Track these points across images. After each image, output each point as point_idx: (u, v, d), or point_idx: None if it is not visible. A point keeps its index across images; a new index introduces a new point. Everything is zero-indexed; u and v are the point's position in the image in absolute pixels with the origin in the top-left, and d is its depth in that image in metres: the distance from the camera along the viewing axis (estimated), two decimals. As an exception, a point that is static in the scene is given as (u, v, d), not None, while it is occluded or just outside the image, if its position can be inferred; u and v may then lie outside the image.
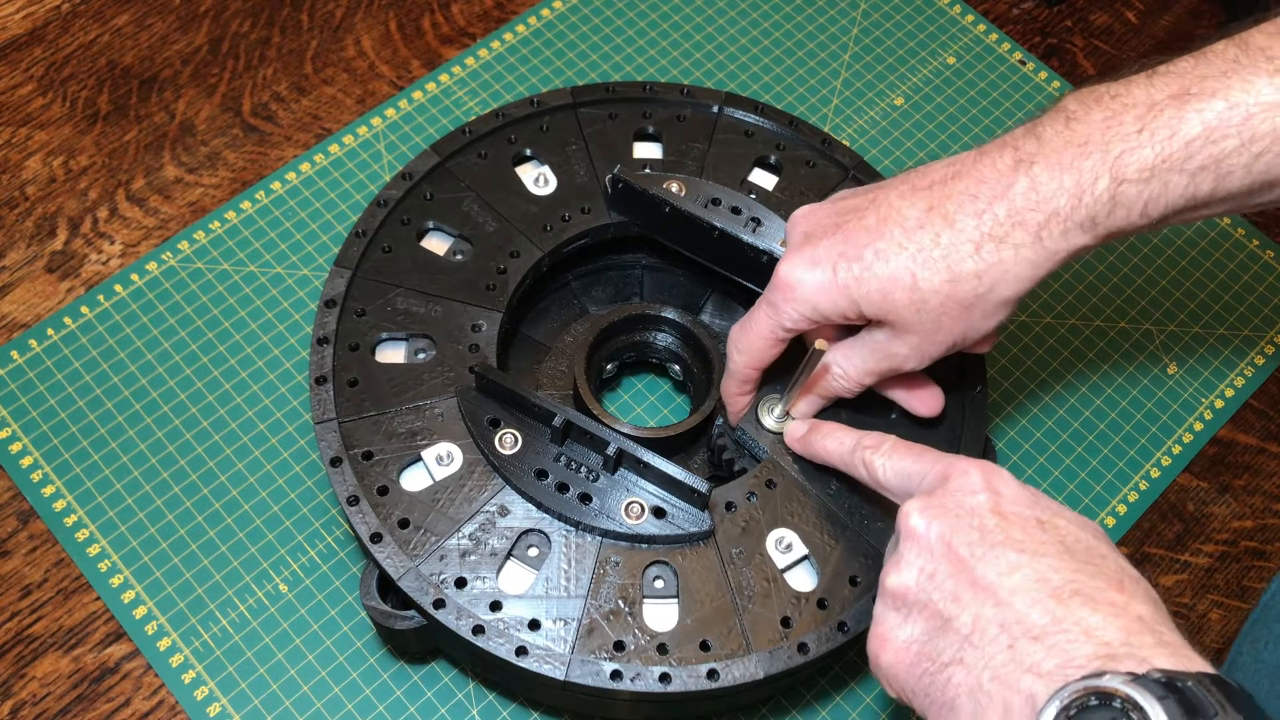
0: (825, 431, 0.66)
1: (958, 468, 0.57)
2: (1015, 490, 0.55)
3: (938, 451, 0.60)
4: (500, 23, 0.93)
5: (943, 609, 0.52)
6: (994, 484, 0.55)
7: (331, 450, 0.66)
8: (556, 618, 0.63)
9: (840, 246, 0.62)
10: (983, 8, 0.98)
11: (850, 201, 0.64)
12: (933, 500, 0.55)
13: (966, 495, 0.55)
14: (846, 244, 0.61)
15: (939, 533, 0.54)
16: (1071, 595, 0.50)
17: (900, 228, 0.60)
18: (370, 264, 0.73)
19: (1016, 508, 0.54)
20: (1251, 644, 0.62)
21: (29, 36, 0.89)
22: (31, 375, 0.77)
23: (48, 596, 0.71)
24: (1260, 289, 0.88)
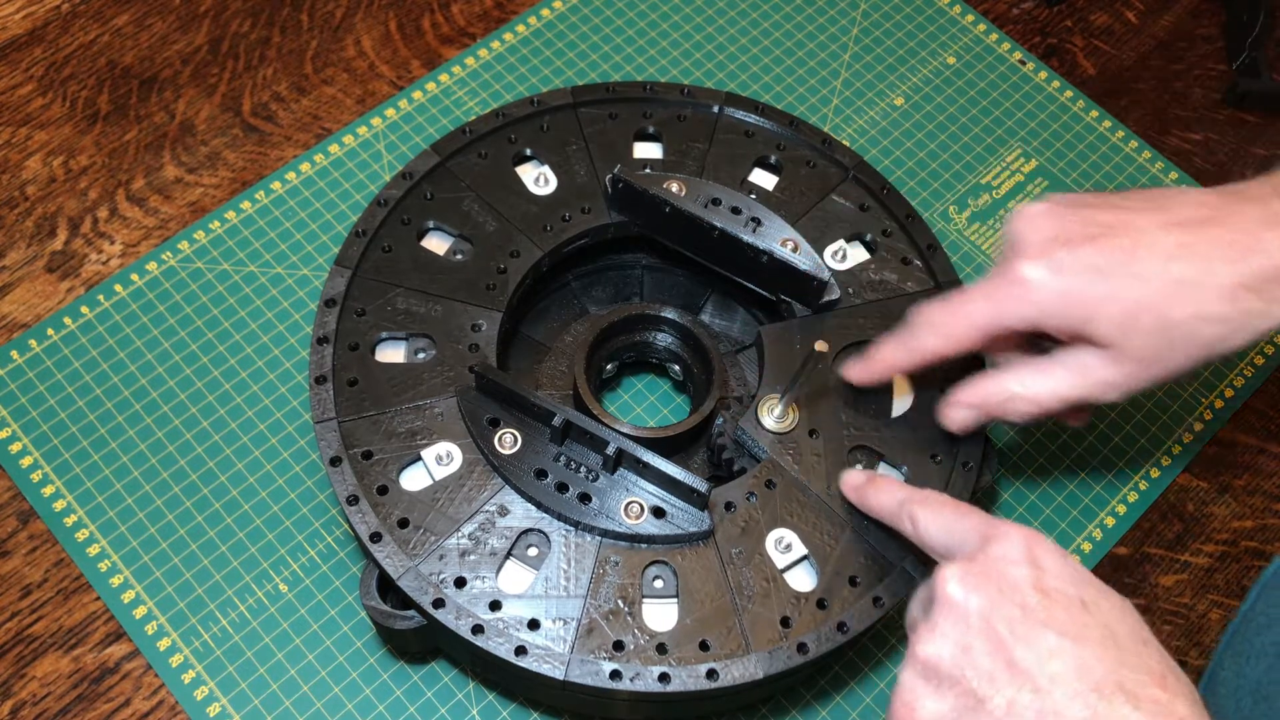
0: (879, 486, 0.65)
1: (1000, 532, 0.55)
2: (1058, 564, 0.54)
3: (982, 512, 0.59)
4: (500, 23, 0.93)
5: (977, 688, 0.51)
6: (1037, 555, 0.54)
7: (331, 450, 0.66)
8: (556, 617, 0.63)
9: (1094, 259, 0.61)
10: (983, 8, 0.98)
11: (1098, 214, 0.62)
12: (973, 568, 0.54)
13: (1008, 566, 0.54)
14: (1101, 258, 0.60)
15: (978, 606, 0.53)
16: (1114, 690, 0.49)
17: (1157, 257, 0.60)
18: (370, 263, 0.73)
19: (1060, 584, 0.53)
20: (1233, 658, 0.61)
21: (29, 36, 0.89)
22: (31, 375, 0.77)
23: (48, 596, 0.71)
24: (1260, 289, 0.87)
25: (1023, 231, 0.63)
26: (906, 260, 0.76)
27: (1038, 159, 0.91)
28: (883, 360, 0.68)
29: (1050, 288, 0.61)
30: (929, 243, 0.76)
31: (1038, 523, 0.78)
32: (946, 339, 0.65)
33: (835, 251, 0.76)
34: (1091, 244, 0.61)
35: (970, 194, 0.90)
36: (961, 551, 0.57)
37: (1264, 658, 0.60)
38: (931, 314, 0.66)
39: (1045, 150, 0.92)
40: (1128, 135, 0.93)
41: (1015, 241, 0.63)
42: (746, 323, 0.80)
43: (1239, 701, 0.60)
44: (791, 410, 0.70)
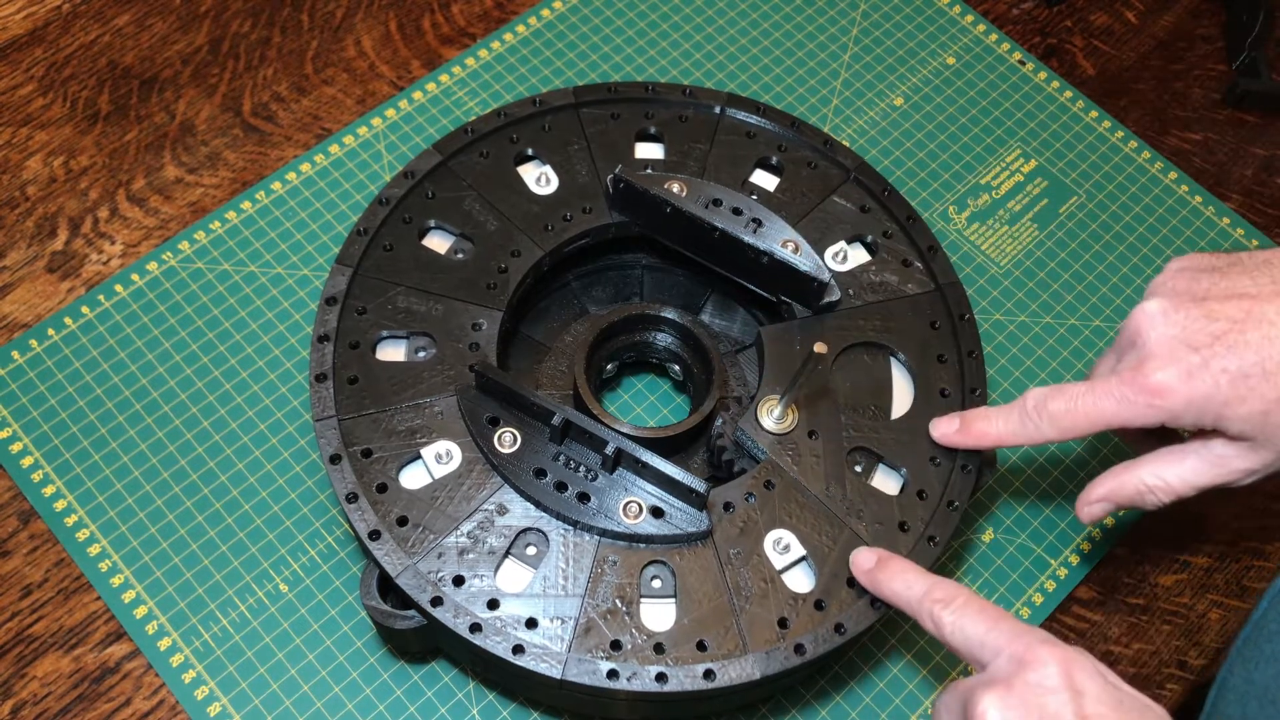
0: (894, 571, 0.63)
1: (1035, 655, 0.54)
2: (1098, 689, 0.53)
3: (1013, 620, 0.57)
4: (501, 23, 0.93)
5: None
6: (1076, 682, 0.53)
7: (331, 447, 0.67)
8: (554, 616, 0.63)
9: (1225, 362, 0.60)
10: (983, 8, 0.98)
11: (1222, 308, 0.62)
12: (1011, 698, 0.53)
13: (1048, 695, 0.53)
14: (1232, 360, 0.60)
15: None
16: None
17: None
18: (371, 262, 0.73)
19: (1101, 709, 0.52)
20: (1243, 664, 0.61)
21: (29, 37, 0.89)
22: (32, 375, 0.77)
23: (48, 596, 0.71)
24: (1260, 289, 0.87)
25: (1145, 330, 0.63)
26: (907, 262, 0.76)
27: (1037, 159, 0.91)
28: (985, 435, 0.68)
29: (1181, 394, 0.61)
30: (929, 244, 0.76)
31: (1037, 523, 0.78)
32: (1063, 433, 0.66)
33: (836, 253, 0.76)
34: (1219, 343, 0.61)
35: (970, 194, 0.90)
36: (994, 667, 0.56)
37: (1273, 663, 0.60)
38: (1052, 406, 0.65)
39: (1045, 150, 0.92)
40: (1127, 135, 0.93)
41: (1139, 341, 0.63)
42: (746, 323, 0.80)
43: (1245, 706, 0.60)
44: (791, 411, 0.70)
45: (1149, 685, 0.74)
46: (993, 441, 0.68)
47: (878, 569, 0.64)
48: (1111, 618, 0.76)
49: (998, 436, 0.67)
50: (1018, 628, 0.56)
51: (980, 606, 0.58)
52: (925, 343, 0.73)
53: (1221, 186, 0.92)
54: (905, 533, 0.67)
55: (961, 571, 0.76)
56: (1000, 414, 0.68)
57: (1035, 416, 0.66)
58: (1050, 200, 0.90)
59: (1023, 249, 0.88)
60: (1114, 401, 0.63)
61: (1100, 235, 0.89)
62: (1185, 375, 0.61)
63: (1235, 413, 0.61)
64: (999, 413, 0.68)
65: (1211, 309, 0.62)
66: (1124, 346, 0.65)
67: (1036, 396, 0.66)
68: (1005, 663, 0.55)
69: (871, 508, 0.68)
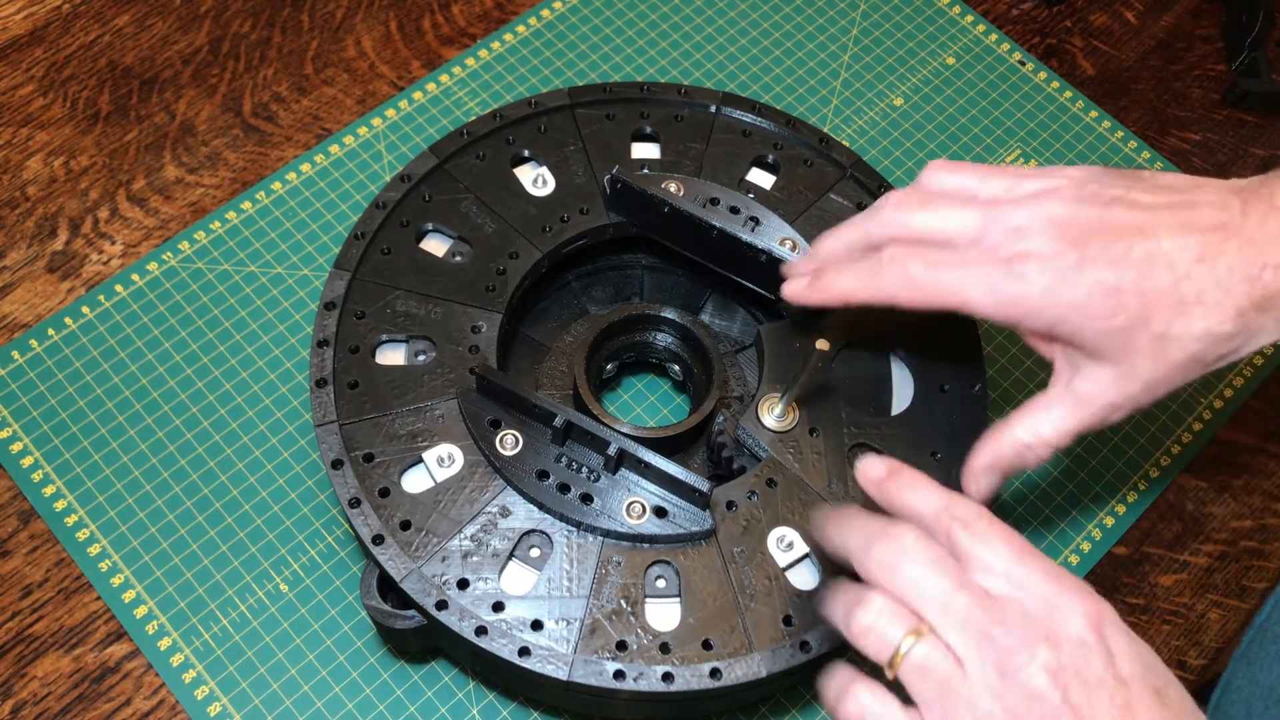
0: (907, 481, 0.57)
1: (1066, 600, 0.51)
2: (1127, 645, 0.50)
3: (1041, 557, 0.52)
4: (500, 23, 0.93)
5: None
6: (1107, 636, 0.50)
7: (333, 453, 0.67)
8: (559, 618, 0.63)
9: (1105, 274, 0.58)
10: (982, 8, 0.98)
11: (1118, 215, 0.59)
12: (1057, 656, 0.49)
13: (1085, 651, 0.49)
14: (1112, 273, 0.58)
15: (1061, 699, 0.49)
16: None
17: (1170, 272, 0.58)
18: (369, 266, 0.73)
19: (1134, 670, 0.50)
20: (1247, 665, 0.61)
21: (29, 37, 0.89)
22: (32, 375, 0.77)
23: (48, 596, 0.71)
24: (1259, 289, 0.88)
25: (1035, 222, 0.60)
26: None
27: (1037, 159, 0.92)
28: (839, 290, 0.65)
29: (1052, 297, 0.59)
30: (929, 243, 0.76)
31: (1037, 523, 0.78)
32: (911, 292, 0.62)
33: (835, 252, 0.76)
34: (1104, 255, 0.58)
35: (970, 194, 0.90)
36: (1024, 610, 0.51)
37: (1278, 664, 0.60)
38: (912, 266, 0.62)
39: (1045, 150, 0.92)
40: (1127, 135, 0.93)
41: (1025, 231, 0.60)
42: (746, 323, 0.81)
43: (1251, 706, 0.59)
44: (792, 409, 0.70)
45: (1149, 685, 0.74)
46: (840, 295, 0.65)
47: (889, 479, 0.57)
48: (1111, 617, 0.76)
49: (848, 289, 0.64)
50: (1047, 566, 0.52)
51: (1006, 534, 0.53)
52: (924, 339, 0.73)
53: (1220, 186, 0.92)
54: (906, 533, 0.68)
55: (962, 571, 0.76)
56: (854, 265, 0.64)
57: (891, 269, 0.63)
58: (1049, 200, 0.90)
59: (1022, 249, 0.88)
60: (977, 284, 0.60)
61: (1099, 235, 0.89)
62: (1062, 280, 0.59)
63: (1096, 325, 0.59)
64: (853, 266, 0.64)
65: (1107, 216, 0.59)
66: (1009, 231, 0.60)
67: (894, 251, 0.63)
68: (1035, 604, 0.51)
69: (873, 504, 0.68)
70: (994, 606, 0.51)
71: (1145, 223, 0.59)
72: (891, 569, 0.53)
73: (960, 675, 0.50)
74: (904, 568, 0.52)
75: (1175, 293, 0.58)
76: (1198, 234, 0.58)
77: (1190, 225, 0.58)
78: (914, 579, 0.52)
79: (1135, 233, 0.58)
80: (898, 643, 0.51)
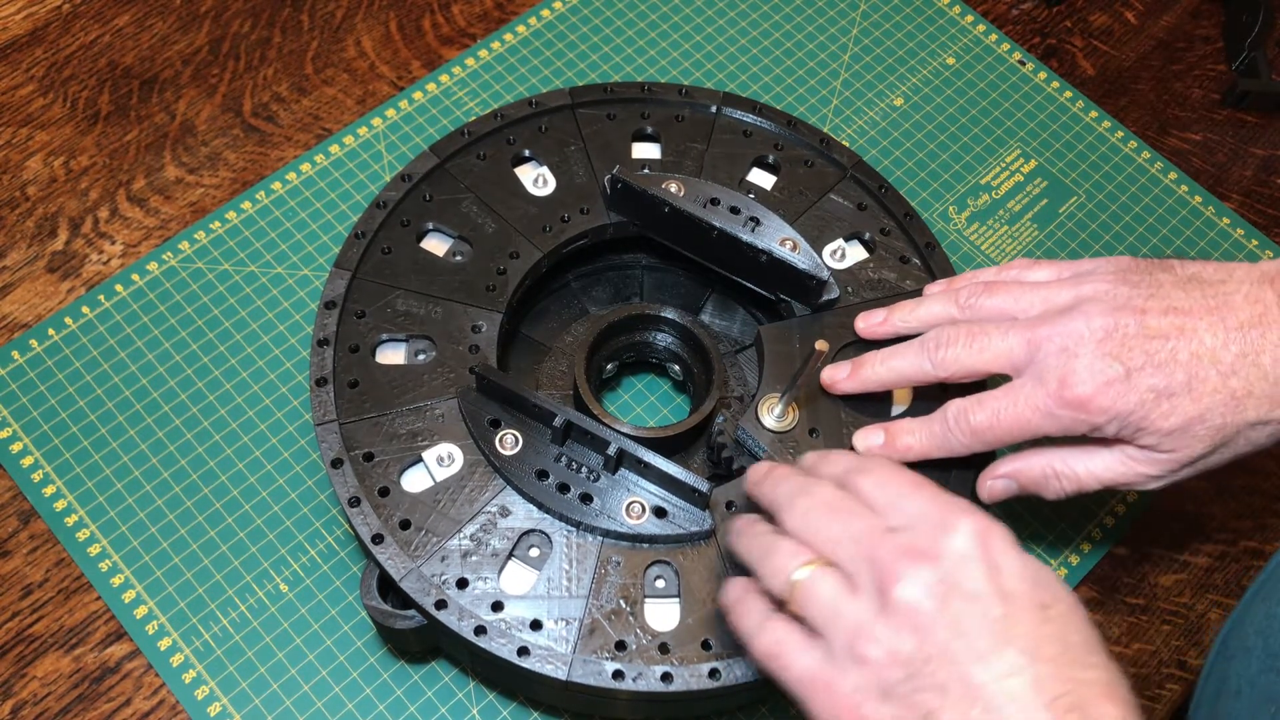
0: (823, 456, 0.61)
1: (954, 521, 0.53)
2: (1016, 562, 0.52)
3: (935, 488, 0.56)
4: (500, 23, 0.93)
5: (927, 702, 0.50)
6: (994, 552, 0.52)
7: (333, 452, 0.67)
8: (558, 618, 0.63)
9: (1153, 381, 0.61)
10: (982, 8, 0.98)
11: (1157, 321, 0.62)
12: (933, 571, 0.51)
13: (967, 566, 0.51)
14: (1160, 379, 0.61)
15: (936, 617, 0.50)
16: (1067, 710, 0.48)
17: (1216, 374, 0.61)
18: (370, 265, 0.73)
19: (1019, 585, 0.51)
20: (1263, 600, 0.62)
21: (30, 37, 0.89)
22: (32, 375, 0.77)
23: (48, 596, 0.71)
24: (1259, 289, 0.88)
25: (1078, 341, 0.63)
26: (905, 258, 0.76)
27: (1037, 159, 0.92)
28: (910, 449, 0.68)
29: (1108, 410, 0.62)
30: (927, 241, 0.76)
31: (1038, 523, 0.78)
32: (986, 445, 0.66)
33: (834, 250, 0.76)
34: (1151, 364, 0.61)
35: (970, 194, 0.90)
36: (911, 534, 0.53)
37: None
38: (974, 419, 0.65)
39: (1044, 150, 0.92)
40: (1127, 135, 0.93)
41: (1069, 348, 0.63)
42: (746, 323, 0.81)
43: (1269, 639, 0.60)
44: (791, 409, 0.70)
45: (1149, 685, 0.74)
46: (917, 455, 0.68)
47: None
48: (1111, 618, 0.76)
49: (922, 450, 0.68)
50: (941, 497, 0.55)
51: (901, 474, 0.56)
52: None
53: (1221, 187, 0.92)
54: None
55: (962, 571, 0.76)
56: (923, 426, 0.68)
57: (957, 430, 0.66)
58: (1050, 200, 0.90)
59: (1023, 249, 0.88)
60: (1038, 415, 0.63)
61: (1100, 235, 0.89)
62: (1111, 391, 0.61)
63: (1156, 426, 0.62)
64: (921, 425, 0.68)
65: (1147, 324, 0.62)
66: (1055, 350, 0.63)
67: (958, 409, 0.66)
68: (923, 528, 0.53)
69: None
70: (886, 536, 0.53)
71: (1185, 325, 0.62)
72: (803, 516, 0.56)
73: (849, 598, 0.53)
74: (811, 513, 0.56)
75: (1225, 389, 0.61)
76: (1237, 330, 0.61)
77: (1229, 325, 0.61)
78: (816, 521, 0.56)
79: (1177, 335, 0.61)
80: (794, 573, 0.54)
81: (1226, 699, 0.61)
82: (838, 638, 0.52)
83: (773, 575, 0.55)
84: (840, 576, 0.53)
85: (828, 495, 0.56)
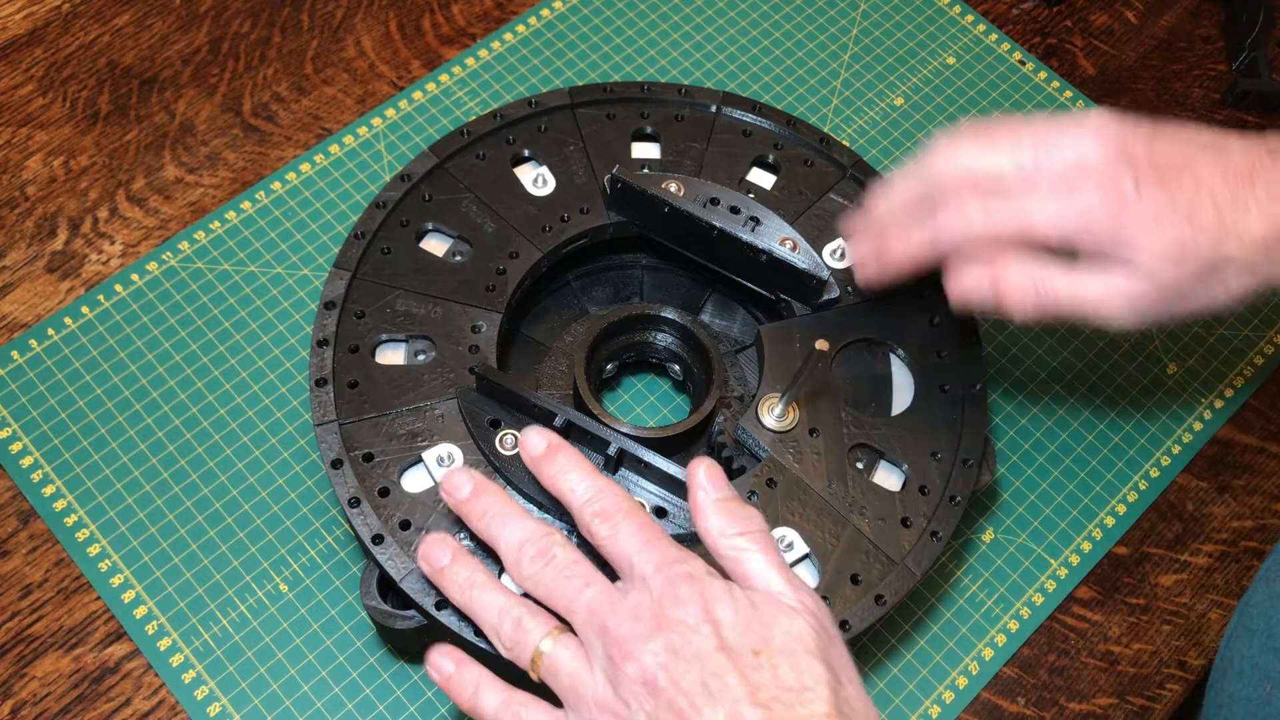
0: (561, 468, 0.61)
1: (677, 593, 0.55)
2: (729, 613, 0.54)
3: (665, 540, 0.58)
4: (500, 23, 0.93)
5: None
6: (714, 613, 0.54)
7: (332, 452, 0.67)
8: (557, 618, 0.63)
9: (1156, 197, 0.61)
10: (983, 8, 0.98)
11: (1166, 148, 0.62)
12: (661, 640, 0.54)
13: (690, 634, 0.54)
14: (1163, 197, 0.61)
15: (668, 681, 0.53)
16: None
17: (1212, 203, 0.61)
18: (369, 266, 0.73)
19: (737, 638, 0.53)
20: (1268, 582, 0.62)
21: (29, 36, 0.89)
22: (32, 375, 0.77)
23: (48, 596, 0.71)
24: (1260, 289, 0.88)
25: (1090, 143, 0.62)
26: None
27: (1037, 159, 0.91)
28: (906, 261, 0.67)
29: (1114, 215, 0.61)
30: (928, 242, 0.76)
31: (1037, 523, 0.78)
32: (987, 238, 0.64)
33: (834, 250, 0.76)
34: (1157, 182, 0.61)
35: (970, 194, 0.90)
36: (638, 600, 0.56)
37: None
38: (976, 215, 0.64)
39: (1045, 150, 0.92)
40: (1127, 135, 0.93)
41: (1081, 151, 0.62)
42: (746, 323, 0.81)
43: (1270, 621, 0.60)
44: (792, 409, 0.70)
45: (1149, 685, 0.74)
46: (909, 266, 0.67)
47: (544, 459, 0.62)
48: (1111, 618, 0.76)
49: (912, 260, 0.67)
50: (669, 554, 0.56)
51: (638, 523, 0.58)
52: (924, 338, 0.73)
53: (1221, 186, 0.92)
54: (908, 528, 0.68)
55: (962, 571, 0.76)
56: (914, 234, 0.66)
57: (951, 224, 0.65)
58: (1050, 200, 0.90)
59: (1022, 249, 0.88)
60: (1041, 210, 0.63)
61: (1100, 235, 0.89)
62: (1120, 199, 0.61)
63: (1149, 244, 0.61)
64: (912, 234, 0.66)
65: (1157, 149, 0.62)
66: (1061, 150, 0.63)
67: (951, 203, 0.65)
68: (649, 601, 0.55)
69: (874, 504, 0.68)
70: (615, 600, 0.56)
71: (1188, 157, 0.62)
72: (534, 579, 0.58)
73: (587, 670, 0.56)
74: (544, 573, 0.58)
75: (1218, 223, 0.61)
76: (1233, 174, 0.62)
77: (1225, 166, 0.62)
78: (550, 582, 0.58)
79: (1182, 165, 0.62)
80: (536, 644, 0.57)
81: (1231, 679, 0.61)
82: (581, 711, 0.55)
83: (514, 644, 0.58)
84: (576, 646, 0.57)
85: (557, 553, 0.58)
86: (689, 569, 0.56)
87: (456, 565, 0.61)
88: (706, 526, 0.58)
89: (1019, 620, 0.75)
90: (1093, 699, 0.73)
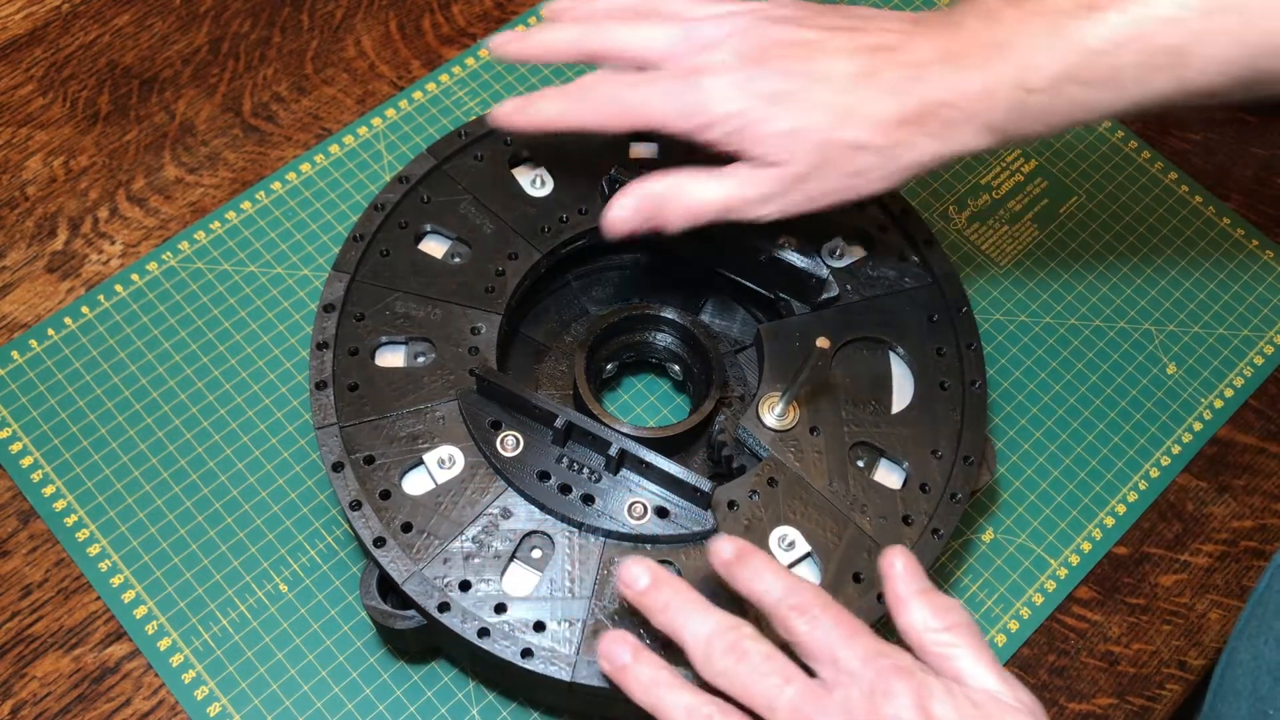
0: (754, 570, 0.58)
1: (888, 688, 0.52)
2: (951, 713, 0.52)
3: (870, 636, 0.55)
4: (500, 23, 0.93)
5: None
6: (931, 713, 0.52)
7: (333, 455, 0.67)
8: (561, 619, 0.63)
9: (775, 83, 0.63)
10: None
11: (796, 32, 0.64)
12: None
13: None
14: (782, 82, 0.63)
15: None
16: None
17: (833, 87, 0.63)
18: (368, 268, 0.73)
19: None
20: (1249, 640, 0.61)
21: (29, 36, 0.89)
22: (32, 375, 0.77)
23: (48, 596, 0.71)
24: (1260, 289, 0.88)
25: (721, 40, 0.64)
26: (903, 256, 0.76)
27: (1037, 159, 0.92)
28: (547, 117, 0.68)
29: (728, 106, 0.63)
30: (925, 237, 0.76)
31: (1037, 523, 0.78)
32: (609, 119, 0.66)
33: (832, 249, 0.76)
34: (777, 67, 0.63)
35: (970, 194, 0.90)
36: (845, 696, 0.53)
37: None
38: (607, 87, 0.66)
39: (1044, 150, 0.92)
40: (1127, 135, 0.93)
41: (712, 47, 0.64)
42: (746, 322, 0.81)
43: (1257, 682, 0.60)
44: (792, 408, 0.70)
45: (1149, 685, 0.74)
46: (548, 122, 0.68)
47: (736, 562, 0.59)
48: (1111, 618, 0.76)
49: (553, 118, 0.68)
50: (872, 647, 0.54)
51: (838, 618, 0.56)
52: (924, 336, 0.73)
53: (1221, 187, 0.92)
54: (909, 526, 0.68)
55: (962, 571, 0.76)
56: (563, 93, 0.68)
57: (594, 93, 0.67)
58: (1050, 200, 0.90)
59: (1023, 249, 0.88)
60: (662, 98, 0.64)
61: (1100, 235, 0.89)
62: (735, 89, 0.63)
63: (768, 132, 0.63)
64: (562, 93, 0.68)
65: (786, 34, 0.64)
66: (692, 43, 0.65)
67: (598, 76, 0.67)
68: (858, 696, 0.53)
69: (875, 502, 0.68)
70: (820, 697, 0.53)
71: (816, 40, 0.64)
72: (727, 675, 0.55)
73: None
74: (737, 669, 0.55)
75: (835, 105, 0.63)
76: (863, 54, 0.63)
77: (857, 47, 0.63)
78: (745, 679, 0.54)
79: (805, 49, 0.63)
80: None
81: None
82: None
83: None
84: None
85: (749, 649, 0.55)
86: (898, 662, 0.53)
87: (640, 664, 0.57)
88: (910, 621, 0.56)
89: (1019, 620, 0.75)
90: (1093, 699, 0.73)
